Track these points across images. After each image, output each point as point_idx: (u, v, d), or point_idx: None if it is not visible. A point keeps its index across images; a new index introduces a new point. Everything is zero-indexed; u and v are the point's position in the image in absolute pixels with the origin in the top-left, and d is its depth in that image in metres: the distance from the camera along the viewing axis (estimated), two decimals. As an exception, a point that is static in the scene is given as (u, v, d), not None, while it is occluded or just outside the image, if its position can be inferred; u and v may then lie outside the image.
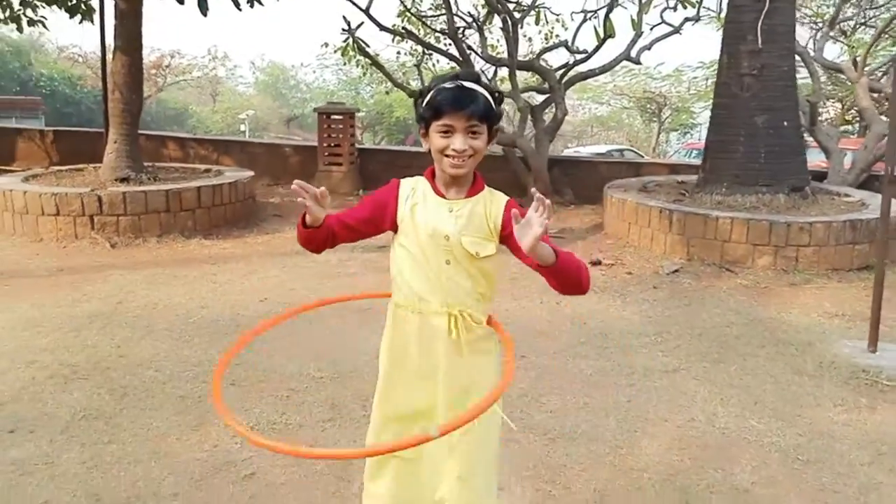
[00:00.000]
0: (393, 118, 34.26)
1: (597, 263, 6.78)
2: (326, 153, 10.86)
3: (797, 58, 8.70)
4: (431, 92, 1.95)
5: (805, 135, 8.61)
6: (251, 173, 9.08)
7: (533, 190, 1.82)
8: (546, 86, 10.41)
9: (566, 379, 4.25)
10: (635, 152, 23.92)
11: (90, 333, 4.75)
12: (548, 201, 1.72)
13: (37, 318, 5.01)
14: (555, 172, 10.24)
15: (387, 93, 20.55)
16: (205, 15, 10.00)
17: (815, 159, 10.08)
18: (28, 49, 35.36)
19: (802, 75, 10.16)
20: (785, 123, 7.36)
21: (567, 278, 1.93)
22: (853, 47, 17.01)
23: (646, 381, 4.24)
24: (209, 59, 40.01)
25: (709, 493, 3.11)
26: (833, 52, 19.69)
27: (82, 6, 10.60)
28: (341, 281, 6.12)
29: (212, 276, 6.18)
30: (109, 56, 8.87)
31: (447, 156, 1.93)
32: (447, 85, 1.92)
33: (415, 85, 12.60)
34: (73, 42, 53.09)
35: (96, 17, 9.81)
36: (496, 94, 1.98)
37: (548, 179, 9.92)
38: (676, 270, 6.50)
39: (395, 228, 2.07)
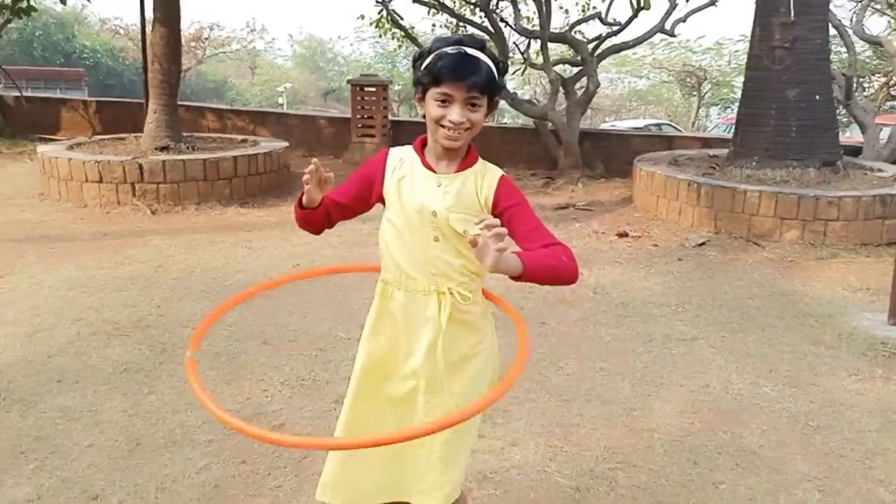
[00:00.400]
0: (429, 91, 34.22)
1: (624, 235, 6.85)
2: (360, 125, 11.02)
3: (833, 31, 8.57)
4: (432, 56, 1.79)
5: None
6: (286, 144, 9.28)
7: (482, 217, 1.64)
8: (578, 58, 10.39)
9: (585, 345, 4.37)
10: (673, 127, 23.64)
11: (131, 294, 5.00)
12: (497, 224, 1.57)
13: (82, 279, 5.28)
14: (586, 146, 10.26)
15: (422, 65, 20.46)
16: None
17: (858, 135, 9.94)
18: (71, 21, 36.06)
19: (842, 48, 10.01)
20: (817, 97, 7.29)
21: (543, 280, 1.79)
22: (901, 20, 16.57)
23: (663, 348, 4.34)
24: (248, 32, 40.39)
25: (717, 454, 3.23)
26: (880, 25, 19.20)
27: (124, -21, 10.86)
28: (371, 250, 6.27)
29: (247, 243, 6.40)
30: (149, 28, 9.12)
31: (442, 126, 1.79)
32: (449, 50, 1.76)
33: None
34: (116, 14, 53.85)
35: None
36: (500, 64, 1.83)
37: (578, 153, 9.95)
38: (703, 243, 6.54)
39: (382, 202, 1.97)
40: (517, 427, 3.40)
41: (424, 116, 1.85)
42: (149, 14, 9.14)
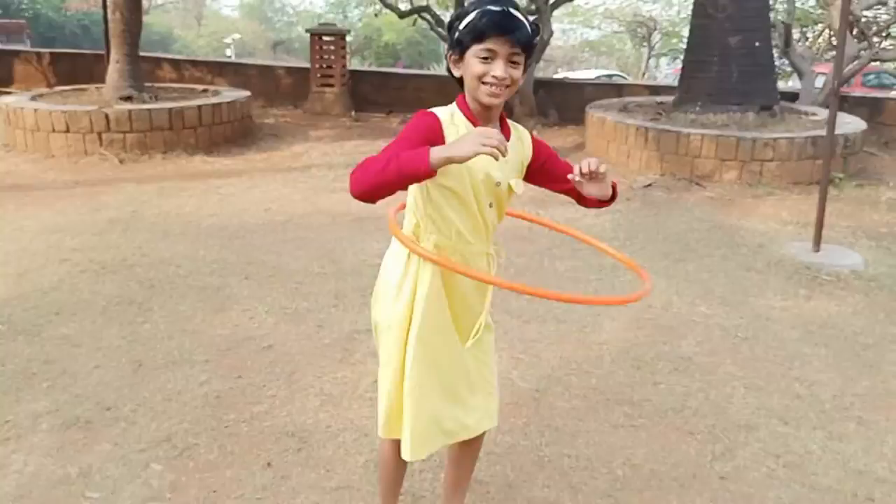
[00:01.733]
0: (382, 42, 33.97)
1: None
2: (319, 74, 11.13)
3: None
4: (473, 13, 1.80)
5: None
6: (248, 93, 9.40)
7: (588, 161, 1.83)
8: (533, 7, 10.64)
9: (542, 275, 4.79)
10: (623, 77, 24.08)
11: (112, 236, 5.24)
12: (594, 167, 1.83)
13: (61, 224, 5.48)
14: (540, 94, 10.59)
15: (375, 15, 20.48)
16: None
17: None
18: (8, -30, 34.56)
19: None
20: (757, 44, 7.74)
21: (612, 200, 2.04)
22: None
23: (612, 276, 4.79)
24: (193, -20, 39.26)
25: (657, 361, 3.69)
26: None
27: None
28: (339, 196, 6.57)
29: (217, 189, 6.63)
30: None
31: (485, 83, 1.80)
32: (493, 7, 1.78)
33: (403, 7, 12.73)
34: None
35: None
36: (534, 26, 1.85)
37: (533, 101, 10.28)
38: (650, 184, 6.99)
39: None
40: (483, 343, 3.80)
41: (459, 78, 1.89)
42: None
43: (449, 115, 1.90)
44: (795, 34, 19.54)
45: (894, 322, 4.21)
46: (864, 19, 20.30)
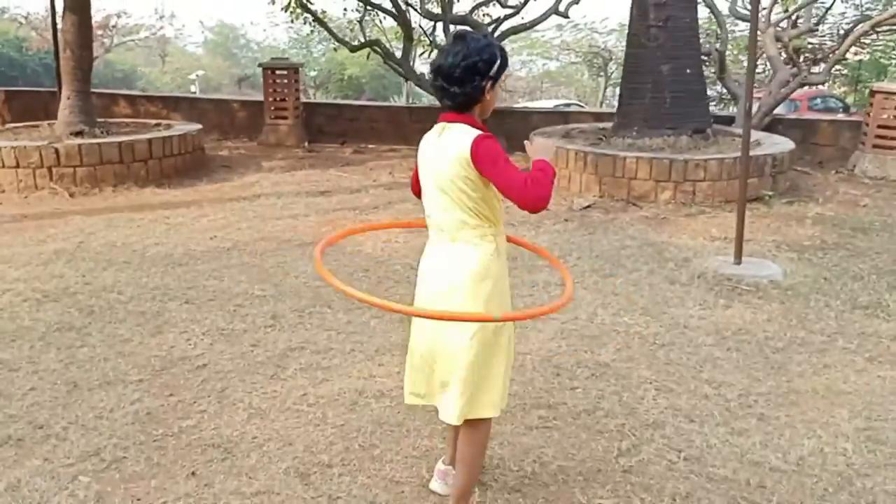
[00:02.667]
0: (345, 76, 34.35)
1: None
2: (273, 107, 11.33)
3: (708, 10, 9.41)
4: (502, 53, 2.44)
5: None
6: (199, 126, 9.54)
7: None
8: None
9: (476, 291, 4.97)
10: (581, 107, 24.63)
11: (57, 267, 5.33)
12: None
13: (6, 256, 5.56)
14: (490, 123, 10.82)
15: (335, 50, 20.73)
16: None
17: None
18: (-33, 11, 34.44)
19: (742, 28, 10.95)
20: (688, 71, 8.10)
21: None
22: (785, 0, 17.90)
23: (543, 292, 4.99)
24: (156, 19, 39.47)
25: (576, 367, 3.89)
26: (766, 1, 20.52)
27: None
28: (286, 222, 6.73)
29: (165, 219, 6.74)
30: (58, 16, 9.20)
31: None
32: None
33: (359, 40, 13.01)
34: (15, 4, 51.64)
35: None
36: None
37: (483, 128, 10.54)
38: (588, 206, 7.25)
39: None
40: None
41: (478, 106, 2.49)
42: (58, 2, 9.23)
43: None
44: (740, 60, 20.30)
45: (805, 327, 4.46)
46: (809, 45, 21.13)
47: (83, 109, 8.61)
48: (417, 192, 2.73)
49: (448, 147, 2.43)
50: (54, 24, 9.81)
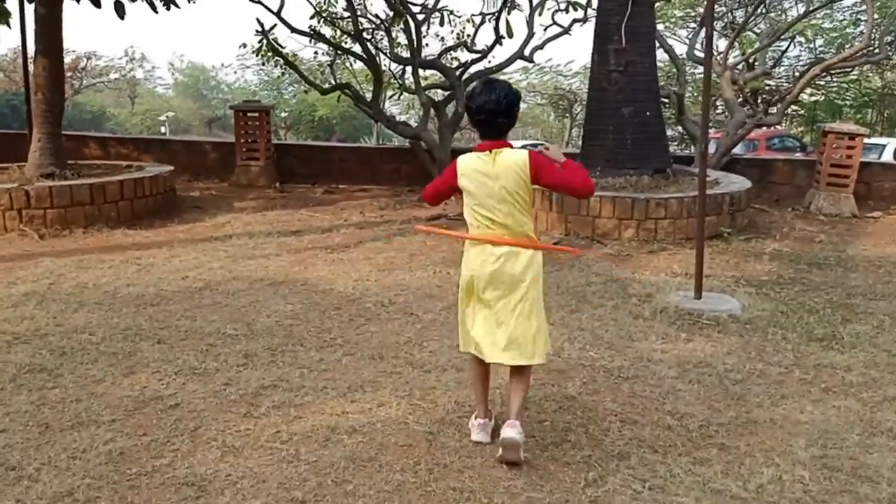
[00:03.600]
0: (315, 117, 34.67)
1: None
2: (244, 149, 11.45)
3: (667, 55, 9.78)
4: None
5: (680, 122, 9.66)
6: (171, 167, 9.61)
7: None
8: (448, 83, 11.26)
9: (446, 328, 5.07)
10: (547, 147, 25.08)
11: (27, 308, 5.33)
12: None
13: (-25, 299, 5.55)
14: (459, 162, 11.07)
15: (305, 92, 21.03)
16: (122, 18, 10.45)
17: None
18: (-67, 52, 34.21)
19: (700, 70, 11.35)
20: (648, 114, 8.41)
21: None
22: (742, 44, 18.61)
23: (511, 327, 5.10)
24: (126, 61, 39.55)
25: (544, 400, 4.00)
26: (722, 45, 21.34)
27: (-4, 10, 10.89)
28: (257, 262, 6.80)
29: (136, 260, 6.77)
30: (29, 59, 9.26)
31: None
32: None
33: (330, 83, 13.24)
34: (-19, 44, 51.29)
35: (13, 20, 10.14)
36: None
37: (452, 169, 10.74)
38: (555, 243, 7.43)
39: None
40: (384, 393, 4.05)
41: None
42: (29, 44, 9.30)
43: None
44: (699, 101, 20.91)
45: (763, 359, 4.63)
46: (766, 87, 21.88)
47: (54, 152, 8.64)
48: (435, 202, 3.75)
49: (509, 164, 3.24)
50: (25, 67, 9.86)
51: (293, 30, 10.62)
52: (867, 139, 9.82)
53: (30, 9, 9.21)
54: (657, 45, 9.47)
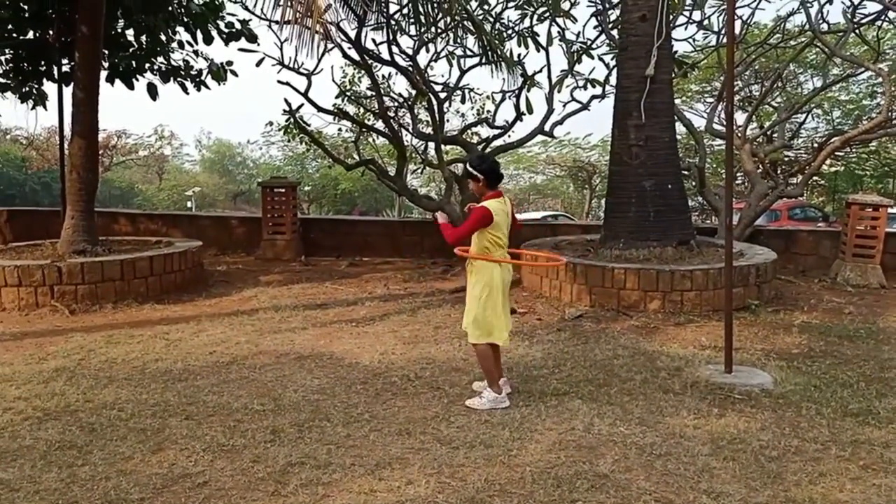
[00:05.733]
0: (338, 190, 35.24)
1: (512, 312, 7.64)
2: (270, 223, 11.66)
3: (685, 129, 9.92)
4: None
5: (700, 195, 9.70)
6: (199, 243, 9.79)
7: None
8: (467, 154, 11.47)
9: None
10: (568, 217, 25.30)
11: (57, 384, 5.38)
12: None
13: (7, 374, 5.61)
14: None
15: (329, 167, 21.47)
16: (154, 100, 10.88)
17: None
18: (-30, 133, 35.55)
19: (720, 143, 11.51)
20: (669, 186, 8.49)
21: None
22: (760, 117, 18.84)
23: (539, 402, 5.06)
24: (156, 139, 40.72)
25: (576, 478, 3.92)
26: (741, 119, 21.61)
27: (34, 92, 11.37)
28: (283, 335, 6.83)
29: (164, 335, 6.83)
30: (58, 138, 9.61)
31: None
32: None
33: (353, 158, 13.54)
34: (18, 125, 53.21)
35: (51, 103, 10.59)
36: (471, 165, 4.92)
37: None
38: (580, 316, 7.41)
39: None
40: (412, 470, 4.00)
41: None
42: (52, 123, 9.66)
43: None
44: (719, 172, 21.05)
45: (798, 435, 4.52)
46: (785, 158, 21.99)
47: (86, 229, 8.86)
48: (466, 240, 4.97)
49: (509, 205, 5.03)
50: (62, 146, 10.22)
51: (320, 109, 10.94)
52: (891, 209, 9.79)
53: (67, 91, 9.62)
54: (675, 119, 9.63)
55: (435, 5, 10.04)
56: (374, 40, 10.78)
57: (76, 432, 4.49)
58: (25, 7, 9.95)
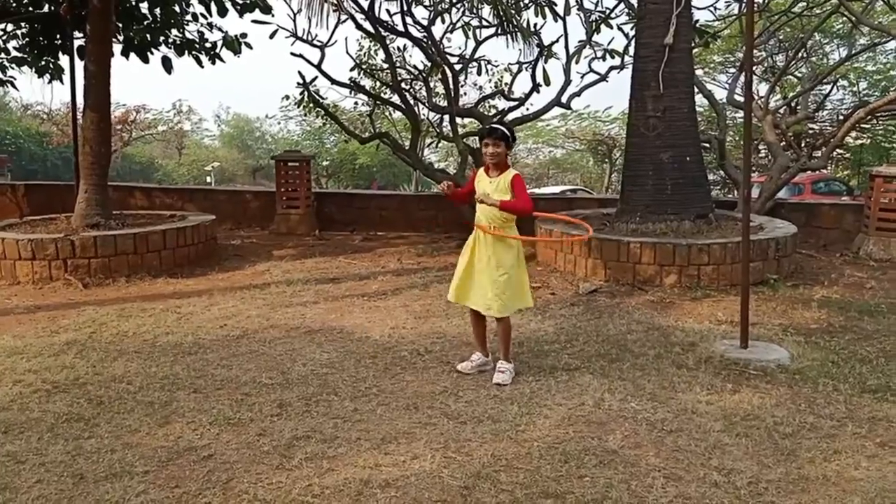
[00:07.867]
0: (356, 165, 35.20)
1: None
2: (284, 197, 11.62)
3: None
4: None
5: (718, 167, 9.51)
6: (212, 217, 9.78)
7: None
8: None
9: (482, 378, 4.98)
10: (587, 191, 25.05)
11: (68, 357, 5.39)
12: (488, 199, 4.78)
13: (19, 347, 5.64)
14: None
15: (346, 141, 21.37)
16: (169, 73, 10.83)
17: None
18: (-8, 108, 35.85)
19: (741, 115, 11.25)
20: (688, 159, 8.31)
21: (509, 209, 4.76)
22: (784, 88, 18.45)
23: (549, 377, 4.99)
24: (174, 114, 40.80)
25: (584, 454, 3.86)
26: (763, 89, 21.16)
27: (50, 66, 11.37)
28: (294, 309, 6.81)
29: (176, 308, 6.83)
30: (78, 113, 9.61)
31: (484, 155, 4.87)
32: (488, 127, 4.97)
33: (369, 132, 13.44)
34: (38, 100, 53.59)
35: (65, 76, 10.57)
36: (511, 131, 4.90)
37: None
38: (595, 290, 7.31)
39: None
40: (418, 445, 3.96)
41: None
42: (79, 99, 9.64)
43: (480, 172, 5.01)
44: (741, 145, 20.66)
45: (814, 412, 4.42)
46: (809, 131, 21.55)
47: (100, 202, 8.87)
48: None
49: None
50: (74, 121, 10.23)
51: (333, 81, 10.82)
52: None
53: (80, 65, 9.59)
54: (696, 90, 9.41)
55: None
56: (388, 11, 10.66)
57: (84, 405, 4.50)
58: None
